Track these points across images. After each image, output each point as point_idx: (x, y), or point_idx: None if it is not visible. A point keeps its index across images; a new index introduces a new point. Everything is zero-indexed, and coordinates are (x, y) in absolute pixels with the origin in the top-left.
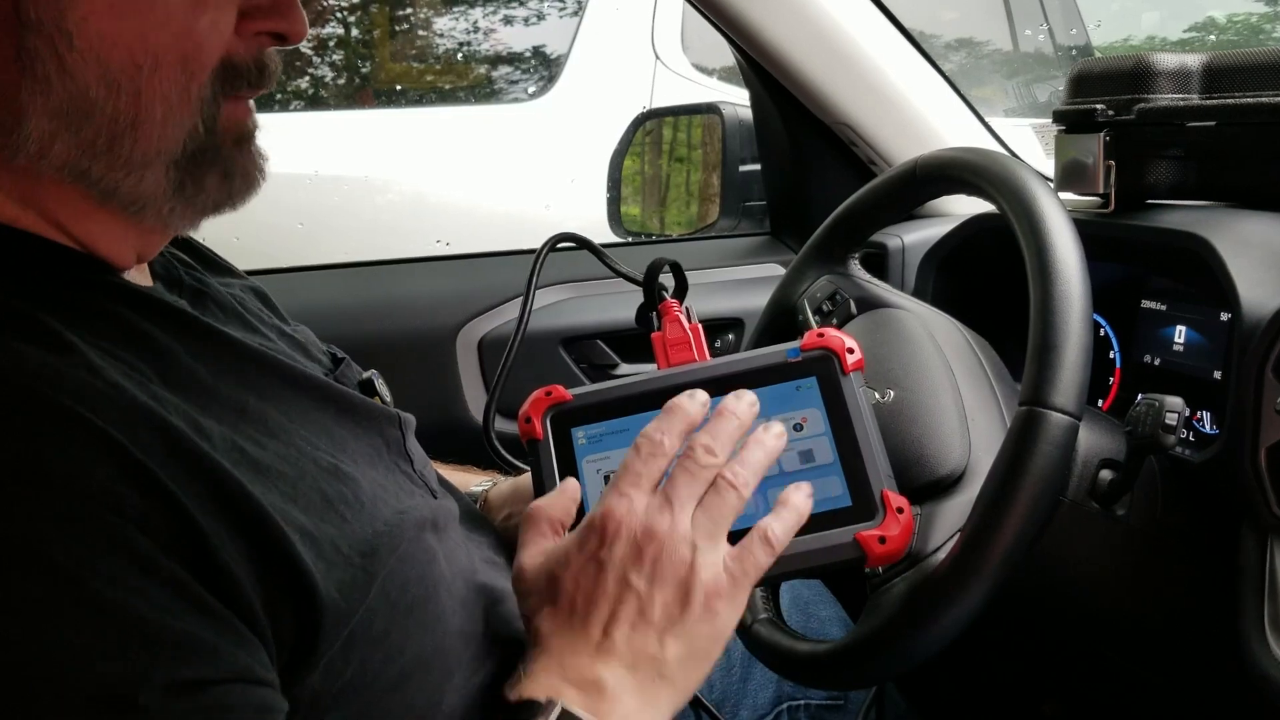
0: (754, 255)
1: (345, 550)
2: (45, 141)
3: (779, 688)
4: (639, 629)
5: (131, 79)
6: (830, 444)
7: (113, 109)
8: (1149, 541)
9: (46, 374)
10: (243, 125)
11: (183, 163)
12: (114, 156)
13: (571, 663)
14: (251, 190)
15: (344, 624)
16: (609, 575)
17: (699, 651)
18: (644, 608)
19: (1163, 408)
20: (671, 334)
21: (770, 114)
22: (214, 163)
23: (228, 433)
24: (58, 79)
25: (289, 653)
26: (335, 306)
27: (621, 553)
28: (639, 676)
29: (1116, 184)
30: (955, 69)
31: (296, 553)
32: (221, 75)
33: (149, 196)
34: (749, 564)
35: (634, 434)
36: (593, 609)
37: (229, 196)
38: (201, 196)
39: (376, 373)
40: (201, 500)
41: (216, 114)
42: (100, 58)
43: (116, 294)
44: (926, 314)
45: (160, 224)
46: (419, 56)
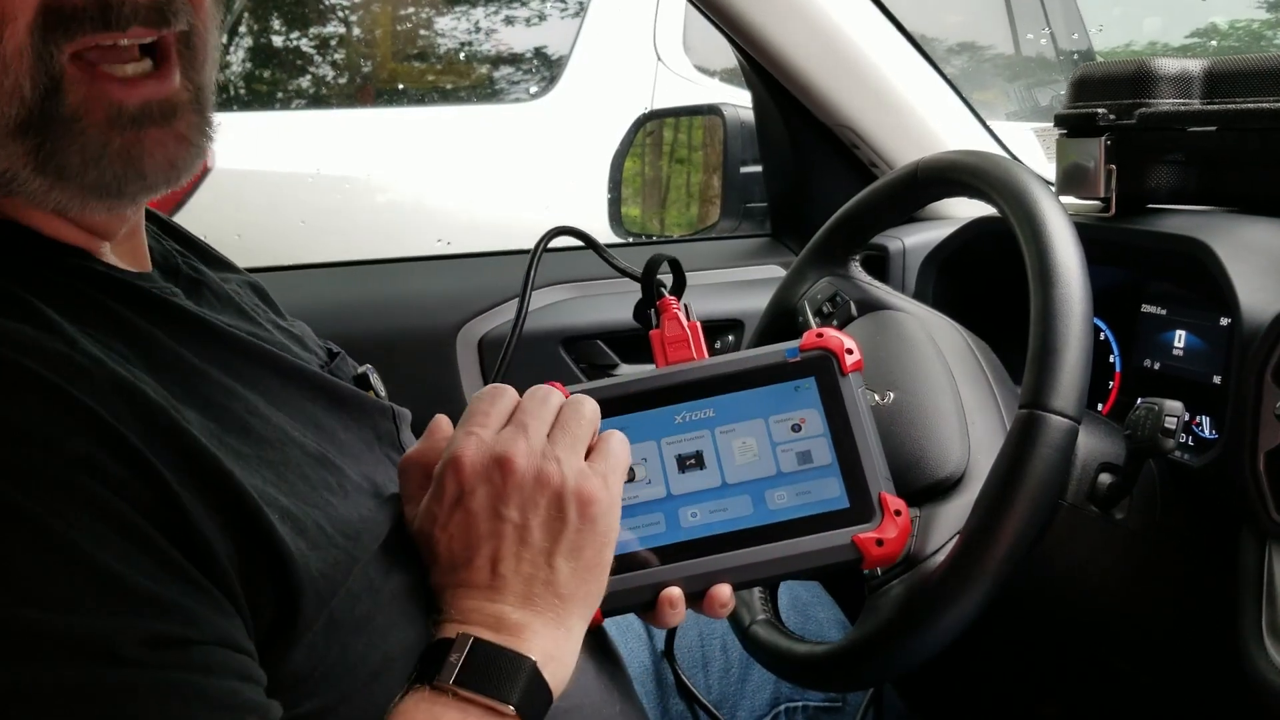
0: (754, 257)
1: (329, 531)
2: None
3: (777, 689)
4: (524, 558)
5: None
6: (828, 445)
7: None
8: (1148, 545)
9: (27, 346)
10: (113, 103)
11: (25, 130)
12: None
13: (470, 607)
14: (144, 177)
15: (324, 604)
16: (478, 519)
17: (589, 561)
18: (523, 535)
19: (1162, 412)
20: (670, 331)
21: (772, 115)
22: (67, 138)
23: (210, 418)
24: None
25: (268, 629)
26: (336, 304)
27: (482, 492)
28: (539, 604)
29: (1117, 188)
30: (957, 72)
31: (275, 531)
32: (45, 25)
33: (8, 172)
34: (612, 463)
35: (631, 433)
36: (474, 554)
37: (114, 180)
38: (72, 179)
39: (371, 368)
40: (180, 474)
41: (58, 74)
42: None
43: (97, 280)
44: (927, 316)
45: (55, 206)
46: (420, 55)
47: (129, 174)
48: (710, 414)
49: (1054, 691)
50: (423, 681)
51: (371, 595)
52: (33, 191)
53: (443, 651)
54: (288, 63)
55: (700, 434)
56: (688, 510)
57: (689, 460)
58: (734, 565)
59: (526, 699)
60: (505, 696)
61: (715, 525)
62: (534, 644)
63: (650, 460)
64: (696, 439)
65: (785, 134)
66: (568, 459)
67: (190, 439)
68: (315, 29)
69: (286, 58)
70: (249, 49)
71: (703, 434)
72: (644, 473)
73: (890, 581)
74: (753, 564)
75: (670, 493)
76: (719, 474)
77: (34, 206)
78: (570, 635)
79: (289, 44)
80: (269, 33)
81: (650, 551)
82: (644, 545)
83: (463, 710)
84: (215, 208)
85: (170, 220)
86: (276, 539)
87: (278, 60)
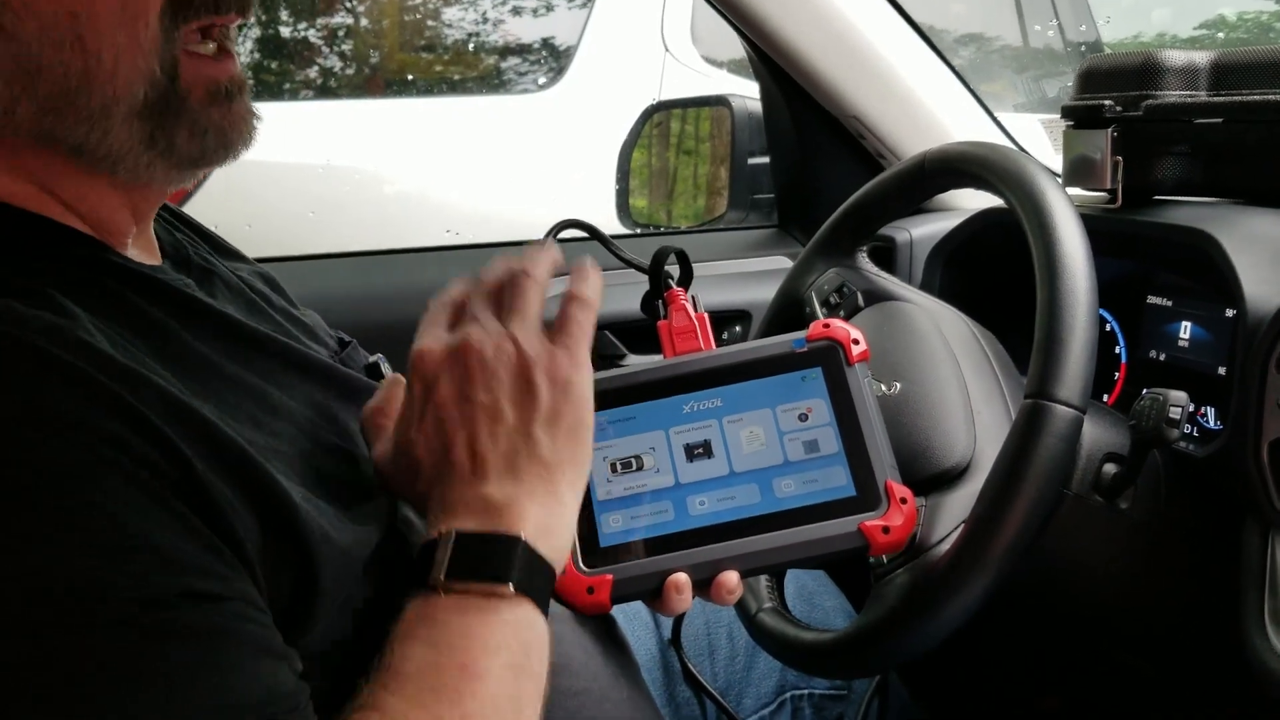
0: (762, 248)
1: (343, 518)
2: (7, 107)
3: (783, 676)
4: (499, 434)
5: (72, 29)
6: (835, 434)
7: (61, 63)
8: (1151, 535)
9: (51, 332)
10: (214, 82)
11: (146, 113)
12: (75, 111)
13: (454, 498)
14: (230, 148)
15: (342, 588)
16: (448, 407)
17: (570, 428)
18: (494, 414)
19: (1167, 402)
20: (677, 322)
21: (779, 106)
22: (181, 116)
23: (224, 411)
24: (1, 41)
25: (283, 613)
26: (345, 295)
27: (447, 380)
28: (524, 475)
29: (1124, 180)
30: (965, 63)
31: (298, 515)
32: (171, 11)
33: (120, 150)
34: (573, 326)
35: (640, 422)
36: (450, 444)
37: (203, 154)
38: (175, 152)
39: (383, 357)
40: (202, 456)
41: (175, 58)
42: (37, 15)
43: (114, 272)
44: (933, 307)
45: (142, 180)
46: (428, 46)
47: (220, 145)
48: (718, 404)
49: (1057, 681)
50: (415, 587)
51: (384, 574)
52: (133, 165)
53: (430, 552)
54: (296, 54)
55: (708, 423)
56: (696, 498)
57: (697, 449)
58: (741, 553)
59: (525, 576)
60: (501, 578)
61: (723, 513)
62: (524, 520)
63: (659, 449)
64: (704, 428)
65: (793, 125)
66: (525, 337)
67: (210, 424)
68: (323, 19)
69: (294, 49)
70: (257, 40)
71: (710, 423)
72: (652, 461)
73: (896, 570)
74: (760, 551)
75: (678, 481)
76: (727, 463)
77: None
78: (562, 504)
79: (297, 35)
80: (277, 23)
81: (658, 539)
82: (652, 533)
83: (460, 604)
84: (224, 198)
85: (181, 211)
86: (299, 524)
87: (286, 51)
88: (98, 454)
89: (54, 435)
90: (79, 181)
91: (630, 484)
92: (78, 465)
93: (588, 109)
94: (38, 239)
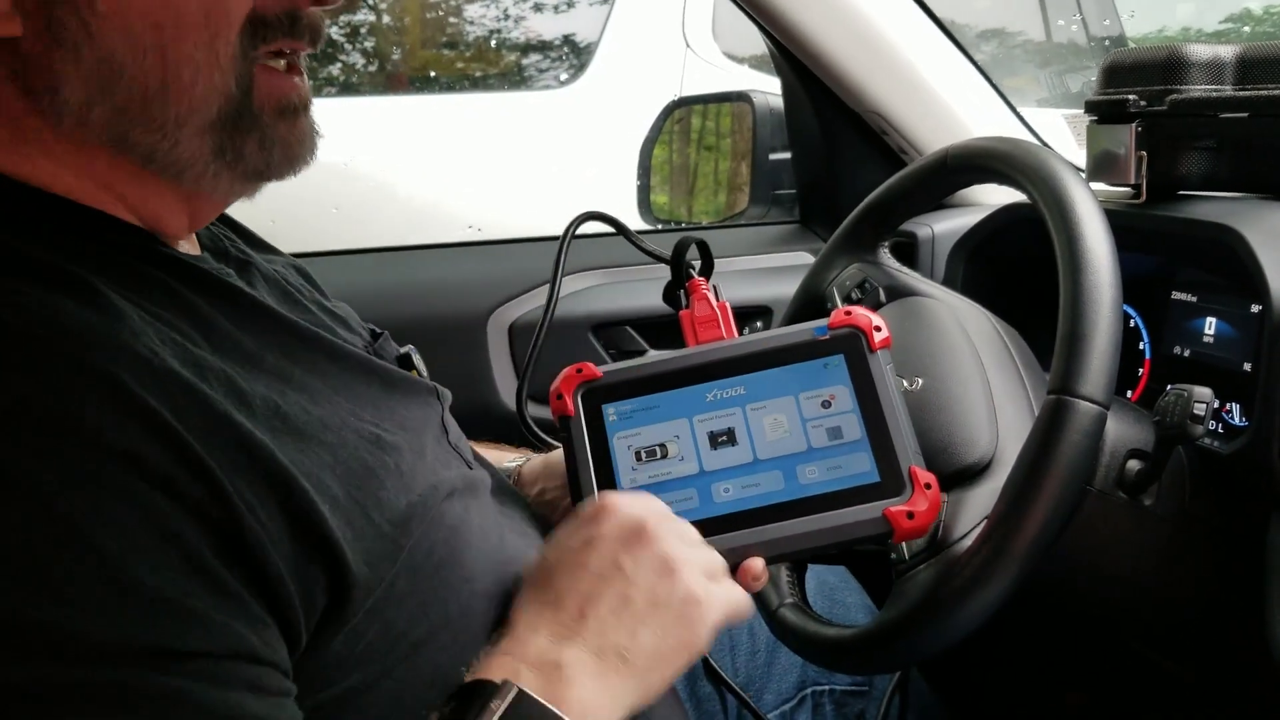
0: (783, 243)
1: (377, 520)
2: (83, 108)
3: (804, 672)
4: (617, 612)
5: (156, 40)
6: (858, 420)
7: (141, 72)
8: (1176, 532)
9: (89, 334)
10: (284, 97)
11: (219, 125)
12: (149, 120)
13: (534, 641)
14: (293, 163)
15: (370, 592)
16: (596, 558)
17: (669, 651)
18: (628, 592)
19: (1191, 398)
20: (700, 311)
21: (801, 102)
22: (252, 129)
23: (272, 398)
24: (86, 46)
25: (319, 618)
26: (368, 290)
27: (614, 534)
28: (603, 663)
29: (1148, 175)
30: (987, 58)
31: (327, 522)
32: (251, 31)
33: (189, 160)
34: (725, 586)
35: (664, 411)
36: (574, 584)
37: (268, 166)
38: (242, 163)
39: (414, 348)
40: (233, 467)
41: (251, 74)
42: (123, 22)
43: (164, 263)
44: (956, 303)
45: (206, 189)
46: (450, 43)
47: (285, 159)
48: (741, 391)
49: (1080, 679)
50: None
51: (411, 573)
52: (199, 175)
53: (485, 695)
54: (319, 51)
55: (732, 411)
56: (720, 486)
57: (721, 437)
58: (766, 539)
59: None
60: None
61: (747, 500)
62: (576, 704)
63: (683, 437)
64: (728, 416)
65: (815, 120)
66: (696, 564)
67: (246, 431)
68: (345, 17)
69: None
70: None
71: (734, 411)
72: (676, 449)
73: (918, 566)
74: (785, 537)
75: (703, 469)
76: (750, 450)
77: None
78: (614, 707)
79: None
80: None
81: None
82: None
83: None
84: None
85: None
86: (328, 530)
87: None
88: (107, 474)
89: (65, 449)
90: (143, 184)
91: (655, 472)
92: (79, 486)
93: (609, 105)
94: (87, 229)
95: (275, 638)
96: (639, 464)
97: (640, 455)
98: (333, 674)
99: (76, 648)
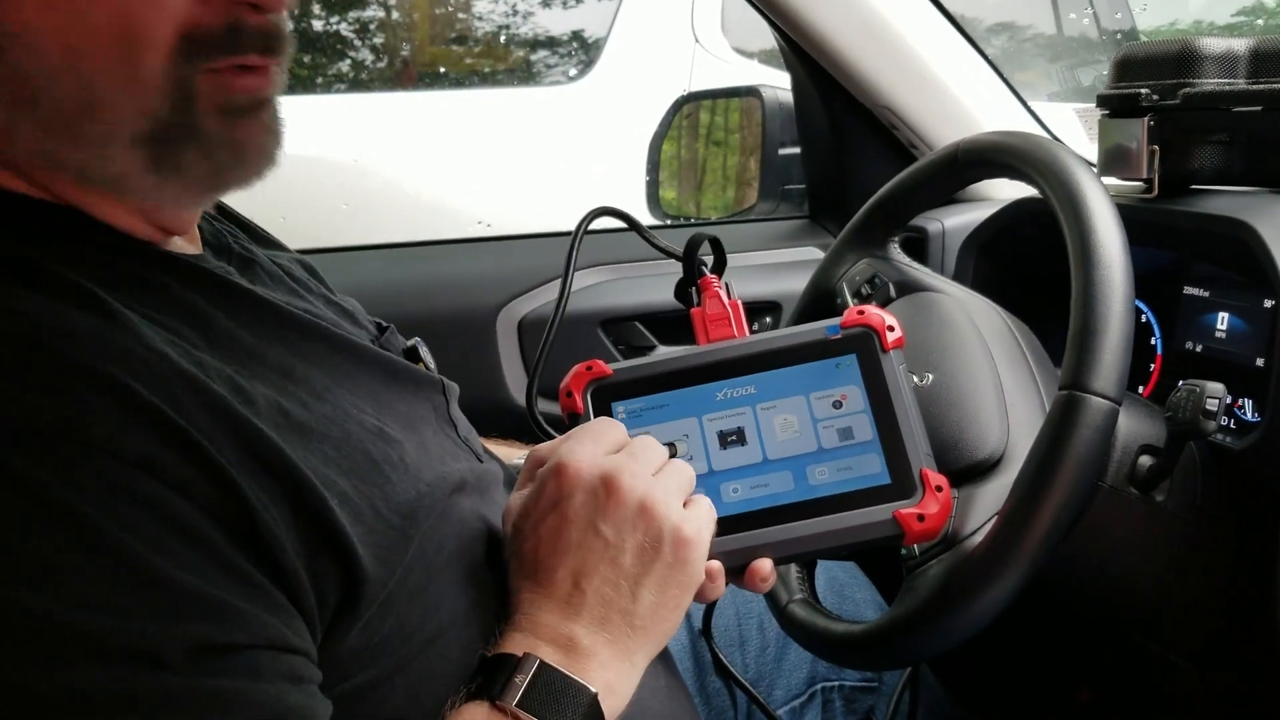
0: (792, 239)
1: (385, 513)
2: (10, 129)
3: (813, 668)
4: (609, 579)
5: (68, 61)
6: (869, 421)
7: (59, 93)
8: (1187, 528)
9: (91, 340)
10: (229, 98)
11: (150, 139)
12: (74, 138)
13: (544, 620)
14: (246, 165)
15: (383, 585)
16: (572, 527)
17: (670, 600)
18: (615, 557)
19: (1204, 393)
20: (711, 309)
21: (811, 97)
22: (189, 139)
23: (273, 395)
24: (2, 71)
25: (331, 614)
26: (378, 286)
27: (582, 502)
28: (611, 631)
29: (1160, 169)
30: (998, 52)
31: (336, 518)
32: (185, 49)
33: (122, 175)
34: (703, 518)
35: (673, 409)
36: (559, 563)
37: (219, 172)
38: (185, 173)
39: (420, 340)
40: (243, 466)
41: (192, 88)
42: (32, 41)
43: (158, 262)
44: (966, 298)
45: (152, 200)
46: (459, 39)
47: (236, 162)
48: (751, 390)
49: (1090, 675)
50: (483, 696)
51: (424, 568)
52: (138, 188)
53: (508, 668)
54: (328, 47)
55: (742, 410)
56: (729, 486)
57: (730, 436)
58: (775, 540)
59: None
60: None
61: (757, 500)
62: (598, 674)
63: (692, 436)
64: (738, 415)
65: (824, 115)
66: (670, 499)
67: (254, 428)
68: (355, 13)
69: (327, 42)
70: (289, 34)
71: (744, 410)
72: (685, 449)
73: (928, 561)
74: (794, 539)
75: (711, 468)
76: (760, 450)
77: (112, 200)
78: (634, 670)
79: (329, 28)
80: (309, 17)
81: None
82: None
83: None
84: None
85: (220, 201)
86: (337, 525)
87: (318, 45)
88: (124, 479)
89: (79, 458)
90: (93, 196)
91: None
92: (99, 492)
93: (618, 100)
94: (80, 233)
95: (302, 627)
96: None
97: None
98: (347, 668)
99: (115, 651)
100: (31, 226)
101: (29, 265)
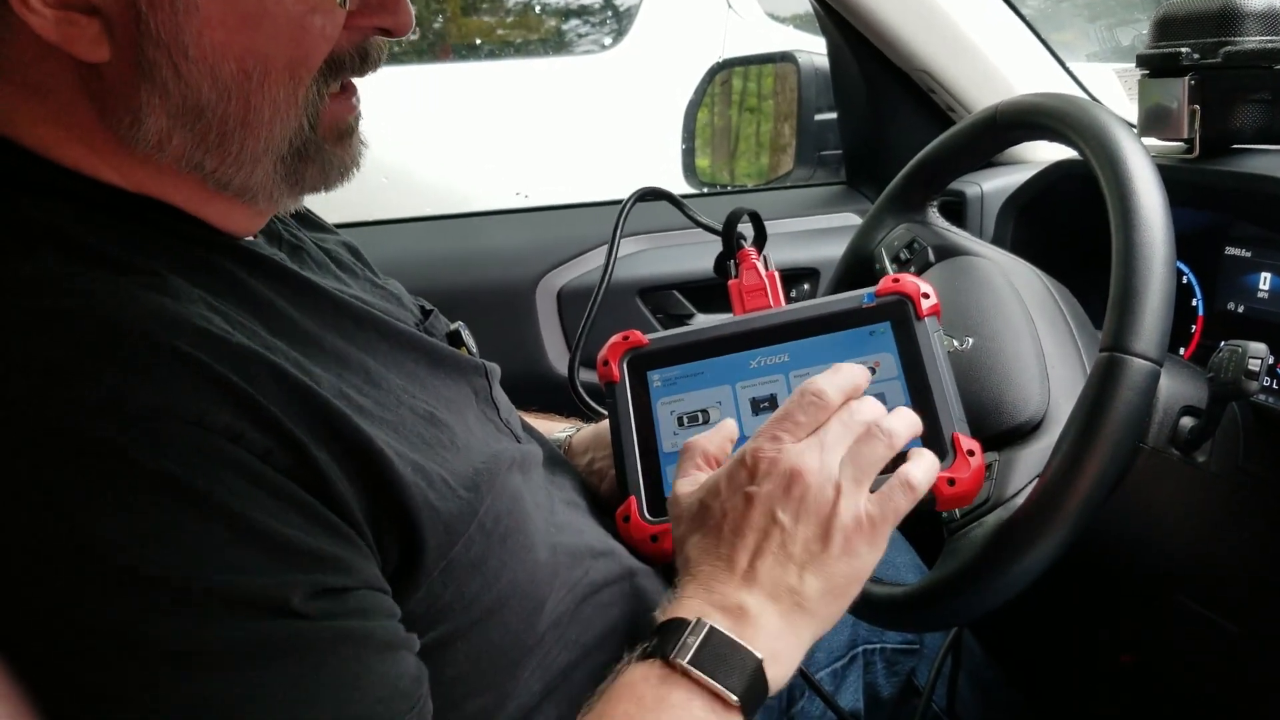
0: (830, 205)
1: (452, 484)
2: (163, 136)
3: (854, 631)
4: (781, 562)
5: (241, 86)
6: (902, 388)
7: (224, 111)
8: (1230, 489)
9: (166, 320)
10: (344, 122)
11: (288, 158)
12: (225, 152)
13: (717, 588)
14: (344, 178)
15: (445, 553)
16: (756, 509)
17: (837, 588)
18: (786, 542)
19: (1246, 354)
20: (747, 280)
21: (847, 61)
22: (314, 159)
23: (334, 380)
24: (173, 84)
25: (391, 577)
26: (420, 258)
27: (769, 488)
28: (780, 606)
29: (1201, 129)
30: (1035, 13)
31: (406, 482)
32: (326, 70)
33: (259, 186)
34: (889, 508)
35: (708, 377)
36: (739, 539)
37: (325, 183)
38: (303, 185)
39: (463, 324)
40: (314, 434)
41: (320, 110)
42: (213, 67)
43: (223, 250)
44: (1006, 261)
45: (265, 206)
46: (491, 10)
47: (340, 175)
48: (785, 358)
49: (1133, 638)
50: (656, 655)
51: (484, 539)
52: (266, 198)
53: (680, 630)
54: None
55: (775, 378)
56: None
57: (763, 403)
58: None
59: (749, 692)
60: (732, 686)
61: None
62: (765, 642)
63: (725, 403)
64: (771, 382)
65: (861, 80)
66: (850, 490)
67: (323, 400)
68: None
69: None
70: None
71: (777, 378)
72: (719, 415)
73: (970, 524)
74: None
75: (744, 434)
76: None
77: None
78: (800, 644)
79: None
80: None
81: None
82: None
83: (690, 691)
84: None
85: None
86: (407, 492)
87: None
88: (217, 449)
89: (175, 434)
90: (208, 195)
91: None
92: (200, 463)
93: (652, 69)
94: (148, 219)
95: (379, 574)
96: (680, 429)
97: (682, 420)
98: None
99: (246, 605)
100: (98, 212)
101: (98, 249)
